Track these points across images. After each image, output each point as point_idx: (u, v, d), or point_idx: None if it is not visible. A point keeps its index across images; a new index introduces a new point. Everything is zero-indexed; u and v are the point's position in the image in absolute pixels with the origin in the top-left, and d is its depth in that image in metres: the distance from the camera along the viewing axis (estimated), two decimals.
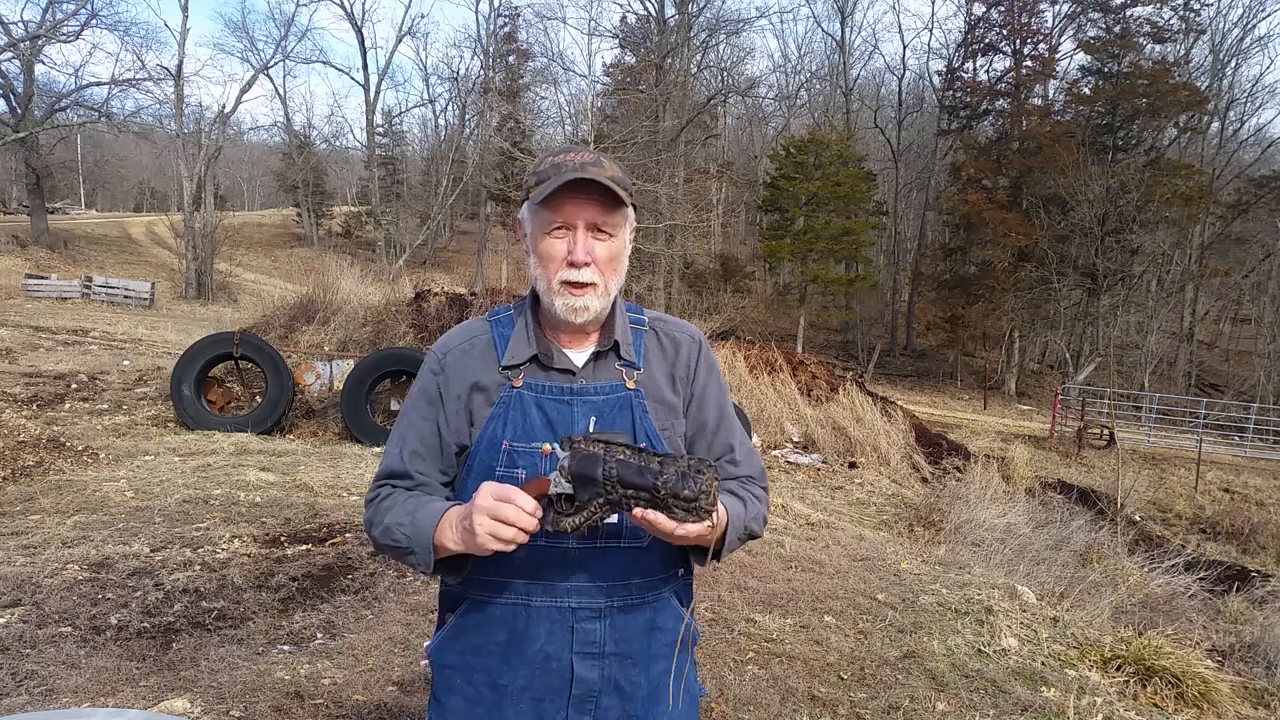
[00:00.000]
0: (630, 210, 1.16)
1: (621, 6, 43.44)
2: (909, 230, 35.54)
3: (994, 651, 3.60)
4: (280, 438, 7.05)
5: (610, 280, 1.13)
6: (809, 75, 39.82)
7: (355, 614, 3.34)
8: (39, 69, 29.15)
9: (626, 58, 34.28)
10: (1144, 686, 3.49)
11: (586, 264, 1.09)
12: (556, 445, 1.01)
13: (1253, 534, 11.51)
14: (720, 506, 1.01)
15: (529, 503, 0.97)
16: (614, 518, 1.11)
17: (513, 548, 0.98)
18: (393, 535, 1.10)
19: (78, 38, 25.27)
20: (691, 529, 0.97)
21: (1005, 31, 29.66)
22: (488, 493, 0.98)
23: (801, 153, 28.05)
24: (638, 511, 0.98)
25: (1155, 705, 3.37)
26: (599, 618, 1.13)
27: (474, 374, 1.16)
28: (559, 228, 1.11)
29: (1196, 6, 29.29)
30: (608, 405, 1.14)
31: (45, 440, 5.63)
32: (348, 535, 4.33)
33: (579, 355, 1.17)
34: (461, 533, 1.01)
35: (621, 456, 0.96)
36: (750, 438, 8.51)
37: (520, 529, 0.98)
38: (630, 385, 1.16)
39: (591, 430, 1.13)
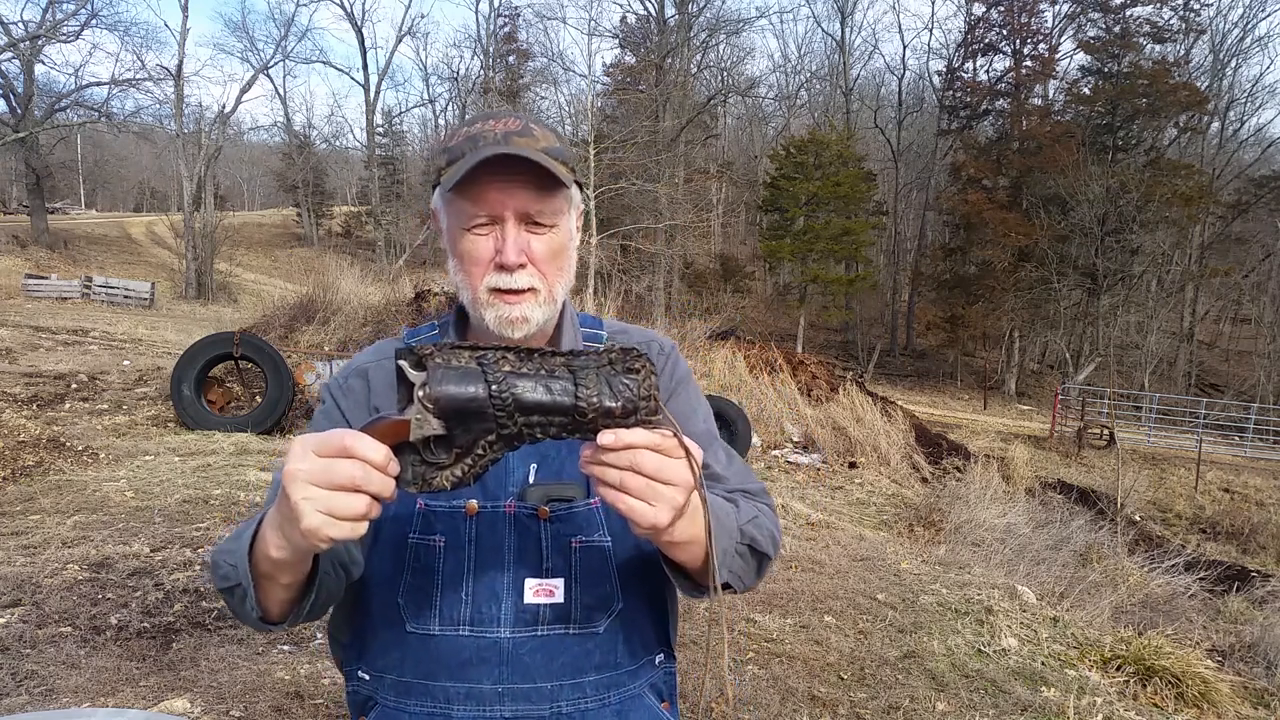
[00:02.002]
0: (574, 191, 0.90)
1: (621, 6, 43.45)
2: (909, 230, 35.54)
3: (994, 651, 3.60)
4: (280, 438, 7.05)
5: (555, 282, 0.88)
6: (809, 75, 39.86)
7: None
8: (39, 69, 29.17)
9: (626, 58, 34.27)
10: (1144, 686, 3.49)
11: (521, 265, 0.84)
12: (403, 363, 0.65)
13: (1253, 534, 11.50)
14: (697, 494, 0.71)
15: (378, 451, 0.63)
16: (559, 592, 0.83)
17: (361, 531, 0.64)
18: (220, 572, 0.77)
19: (78, 38, 25.27)
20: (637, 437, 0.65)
21: (1005, 31, 29.67)
22: (307, 449, 0.63)
23: (801, 153, 28.06)
24: (600, 443, 0.64)
25: (1155, 705, 3.37)
26: None
27: (383, 404, 0.90)
28: (482, 221, 0.85)
29: (1196, 6, 29.32)
30: (553, 447, 0.88)
31: (45, 440, 5.63)
32: None
33: None
34: (282, 523, 0.67)
35: (510, 366, 0.65)
36: (750, 438, 8.53)
37: (371, 495, 0.63)
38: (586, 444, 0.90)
39: (533, 481, 0.87)
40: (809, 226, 27.33)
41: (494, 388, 0.64)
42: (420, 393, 0.64)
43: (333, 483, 0.62)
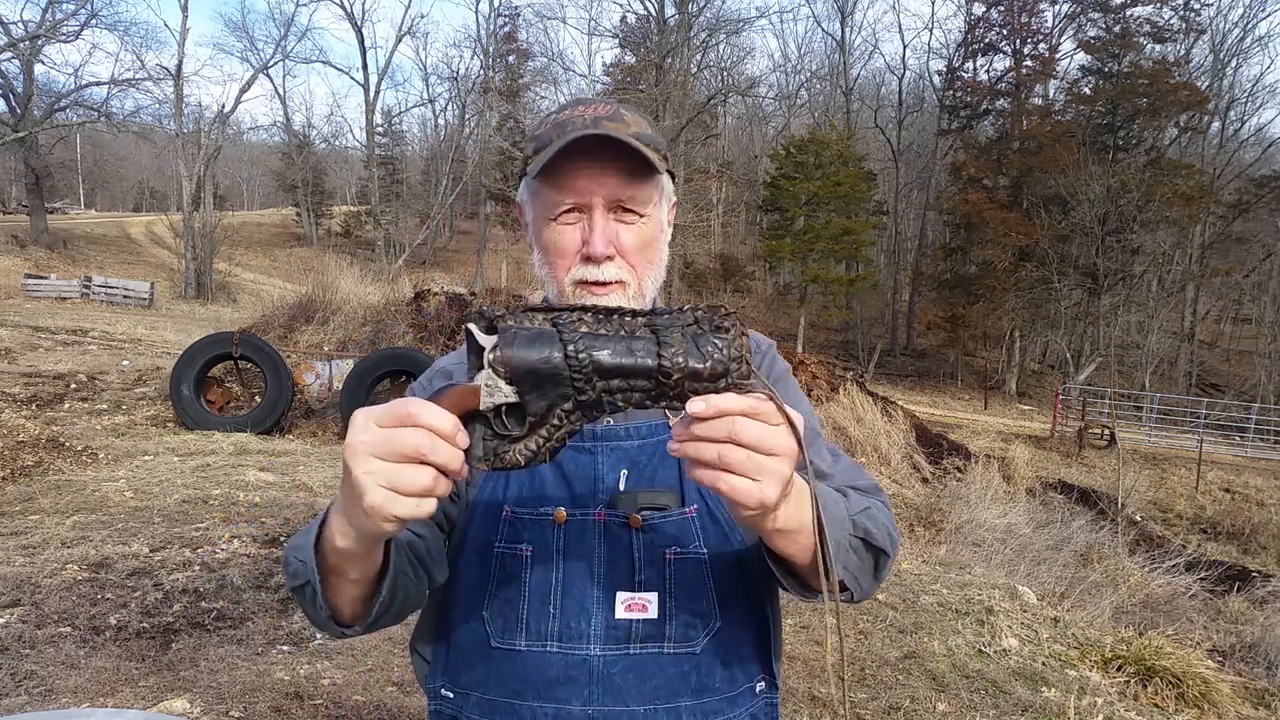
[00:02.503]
0: (666, 179, 0.86)
1: (621, 6, 43.47)
2: (909, 230, 35.55)
3: (994, 652, 3.59)
4: (279, 438, 7.04)
5: (645, 276, 0.84)
6: (809, 75, 39.86)
7: None
8: (38, 69, 29.19)
9: (626, 57, 34.30)
10: (1144, 687, 3.49)
11: (609, 257, 0.80)
12: (473, 326, 0.60)
13: (1253, 534, 11.49)
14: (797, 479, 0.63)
15: (444, 418, 0.58)
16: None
17: (429, 509, 0.58)
18: (290, 569, 0.72)
19: (77, 37, 25.28)
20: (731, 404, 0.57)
21: (1005, 31, 29.68)
22: (370, 420, 0.58)
23: (801, 152, 28.05)
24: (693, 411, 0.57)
25: (1156, 706, 3.37)
26: None
27: None
28: (569, 210, 0.81)
29: (1197, 6, 29.32)
30: (644, 453, 0.85)
31: (44, 440, 5.62)
32: None
33: None
34: (345, 505, 0.61)
35: (587, 327, 0.60)
36: None
37: (438, 467, 0.57)
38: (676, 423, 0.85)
39: (623, 488, 0.83)
40: (809, 226, 27.33)
41: (570, 348, 0.58)
42: (490, 356, 0.59)
43: (396, 453, 0.56)
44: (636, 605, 0.80)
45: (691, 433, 0.58)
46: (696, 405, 0.57)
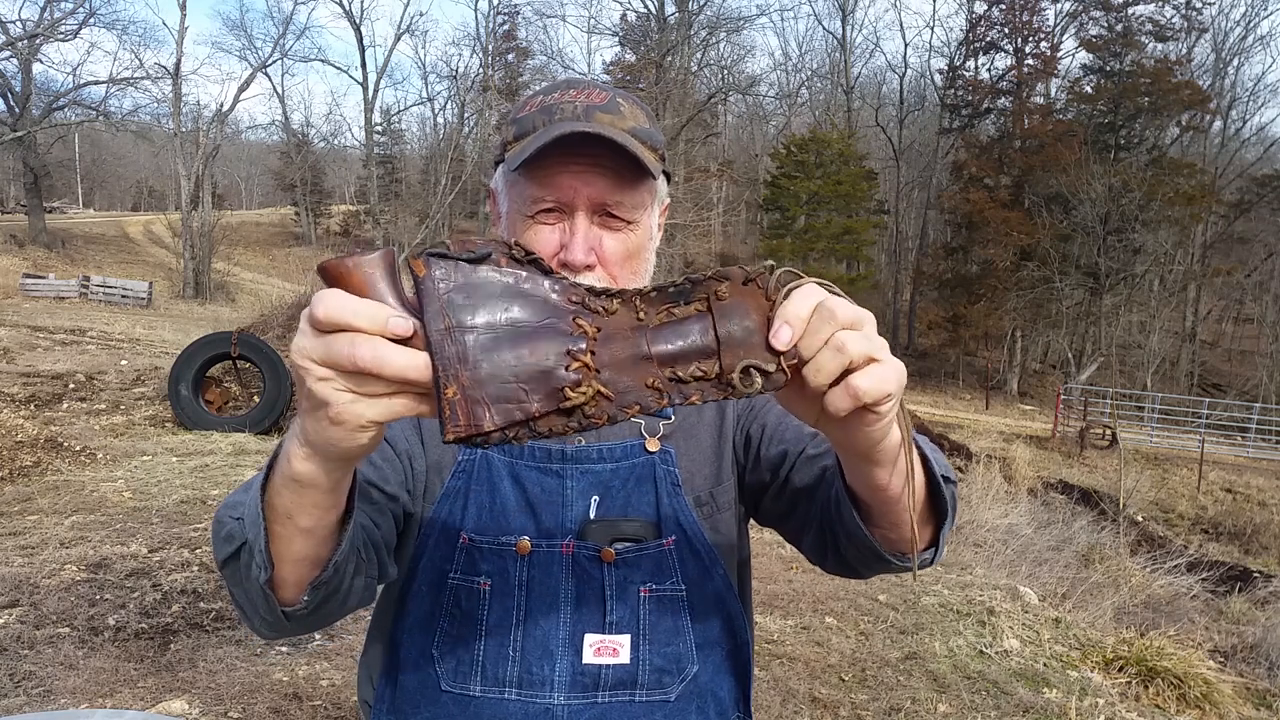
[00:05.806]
0: (660, 182, 0.78)
1: (621, 4, 43.51)
2: (910, 229, 35.54)
3: (996, 653, 3.58)
4: (278, 438, 7.03)
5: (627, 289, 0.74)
6: (810, 73, 39.85)
7: (353, 615, 3.31)
8: (37, 68, 29.21)
9: (626, 56, 34.27)
10: (1146, 688, 3.48)
11: (589, 266, 0.72)
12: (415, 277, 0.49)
13: (1255, 534, 11.47)
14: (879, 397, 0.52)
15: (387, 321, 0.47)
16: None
17: (405, 407, 0.47)
18: (223, 531, 0.62)
19: (75, 36, 25.30)
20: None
21: (1007, 30, 29.67)
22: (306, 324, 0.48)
23: (802, 151, 28.05)
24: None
25: (1157, 706, 3.36)
26: None
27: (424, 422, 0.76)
28: (548, 209, 0.72)
29: (1199, 5, 29.32)
30: (617, 477, 0.78)
31: (43, 440, 5.61)
32: None
33: None
34: (308, 419, 0.50)
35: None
36: None
37: (386, 331, 0.46)
38: (652, 446, 0.78)
39: (594, 516, 0.76)
40: (810, 225, 27.34)
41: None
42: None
43: (341, 322, 0.46)
44: (607, 649, 0.73)
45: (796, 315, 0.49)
46: (783, 335, 0.49)
